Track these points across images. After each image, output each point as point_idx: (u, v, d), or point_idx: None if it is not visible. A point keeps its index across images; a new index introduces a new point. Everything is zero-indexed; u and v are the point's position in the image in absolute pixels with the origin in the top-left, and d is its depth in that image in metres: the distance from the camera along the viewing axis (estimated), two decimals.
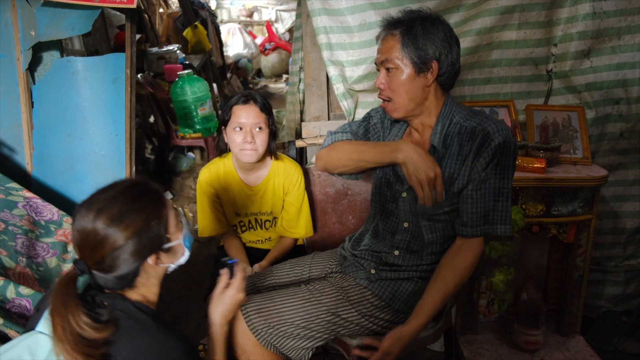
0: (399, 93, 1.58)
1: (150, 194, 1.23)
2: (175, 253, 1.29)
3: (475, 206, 1.55)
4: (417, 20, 1.54)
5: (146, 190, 1.23)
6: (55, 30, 2.41)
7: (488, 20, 2.27)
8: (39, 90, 2.47)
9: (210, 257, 3.32)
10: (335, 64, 2.25)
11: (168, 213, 1.24)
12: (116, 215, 1.14)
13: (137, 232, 1.16)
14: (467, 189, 1.55)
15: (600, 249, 2.54)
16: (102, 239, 1.14)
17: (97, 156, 2.48)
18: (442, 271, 1.59)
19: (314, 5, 2.20)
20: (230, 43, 8.56)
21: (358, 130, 1.85)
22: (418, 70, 1.55)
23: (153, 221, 1.19)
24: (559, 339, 2.34)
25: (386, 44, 1.58)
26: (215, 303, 1.41)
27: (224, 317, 1.40)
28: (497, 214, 1.55)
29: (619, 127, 2.40)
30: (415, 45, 1.52)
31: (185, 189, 4.23)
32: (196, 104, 4.14)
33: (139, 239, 1.16)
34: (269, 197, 2.15)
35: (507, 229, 1.55)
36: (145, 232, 1.17)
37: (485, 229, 1.55)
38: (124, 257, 1.15)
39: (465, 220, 1.57)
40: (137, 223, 1.16)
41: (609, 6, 2.26)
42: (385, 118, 1.81)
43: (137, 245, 1.16)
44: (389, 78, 1.59)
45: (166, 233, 1.23)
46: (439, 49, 1.53)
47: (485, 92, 2.42)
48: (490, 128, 1.53)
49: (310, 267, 1.94)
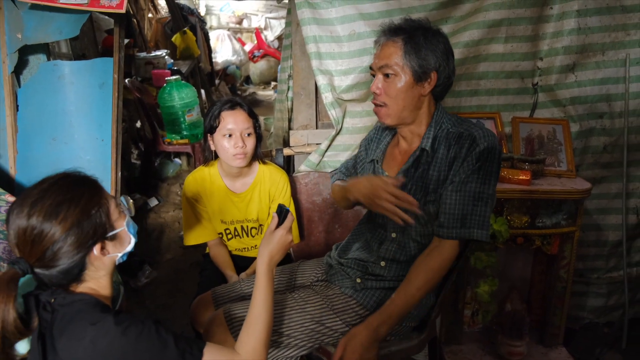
0: (395, 100, 1.58)
1: (86, 183, 1.19)
2: (122, 241, 1.24)
3: (453, 207, 1.54)
4: (419, 29, 1.55)
5: (80, 180, 1.19)
6: (43, 34, 2.39)
7: (476, 33, 2.30)
8: (24, 94, 2.44)
9: (195, 264, 3.30)
10: (324, 73, 2.25)
11: (107, 200, 1.21)
12: (50, 208, 1.11)
13: (76, 222, 1.12)
14: (447, 189, 1.55)
15: (584, 261, 2.56)
16: (39, 233, 1.10)
17: (83, 161, 2.46)
18: (412, 272, 1.58)
19: (304, 15, 2.21)
20: (219, 49, 8.53)
21: (348, 164, 1.98)
22: (417, 79, 1.56)
23: (92, 209, 1.16)
24: (542, 350, 2.35)
25: (386, 50, 1.57)
26: (265, 242, 1.42)
27: (270, 256, 1.40)
28: (474, 218, 1.53)
29: (602, 141, 2.44)
30: (417, 55, 1.53)
31: (172, 195, 4.20)
32: (184, 110, 4.11)
33: (80, 229, 1.13)
34: (255, 204, 2.14)
35: (484, 234, 1.54)
36: (86, 221, 1.14)
37: (461, 232, 1.54)
38: (65, 250, 1.12)
39: (442, 220, 1.56)
40: (74, 213, 1.12)
41: (594, 22, 2.30)
42: (379, 131, 1.83)
43: (79, 235, 1.13)
44: (386, 84, 1.59)
45: (108, 221, 1.19)
46: (439, 60, 1.55)
47: (472, 104, 2.45)
48: (477, 133, 1.55)
49: (295, 275, 1.93)
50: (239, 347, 1.31)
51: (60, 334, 1.12)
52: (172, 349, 1.15)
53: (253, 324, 1.33)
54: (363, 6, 2.20)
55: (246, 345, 1.31)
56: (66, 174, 1.20)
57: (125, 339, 1.11)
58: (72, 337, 1.11)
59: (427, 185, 1.60)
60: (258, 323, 1.33)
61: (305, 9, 2.21)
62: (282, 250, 1.43)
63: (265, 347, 1.32)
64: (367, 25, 2.20)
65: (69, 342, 1.11)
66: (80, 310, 1.14)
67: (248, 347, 1.30)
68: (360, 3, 2.19)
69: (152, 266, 3.22)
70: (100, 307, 1.17)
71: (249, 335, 1.32)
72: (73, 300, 1.16)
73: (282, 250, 1.43)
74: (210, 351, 1.21)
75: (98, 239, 1.17)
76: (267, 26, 9.80)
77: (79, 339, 1.10)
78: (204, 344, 1.22)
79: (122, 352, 1.11)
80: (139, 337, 1.12)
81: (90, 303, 1.16)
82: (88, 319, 1.12)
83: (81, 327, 1.11)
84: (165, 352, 1.14)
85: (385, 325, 1.55)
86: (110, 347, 1.10)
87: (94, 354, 1.10)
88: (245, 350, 1.30)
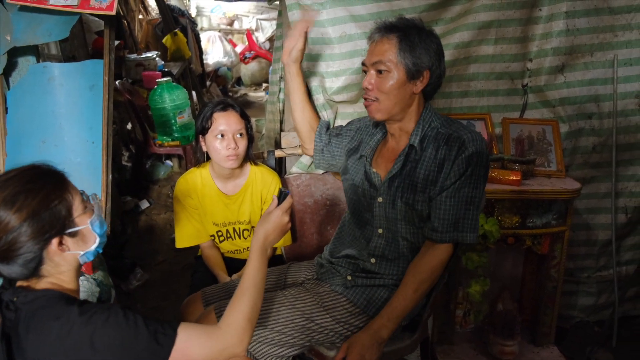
0: (387, 95, 1.60)
1: (50, 176, 1.17)
2: (84, 239, 1.21)
3: (447, 213, 1.58)
4: (414, 28, 1.58)
5: (45, 172, 1.17)
6: (32, 36, 2.37)
7: (466, 35, 2.31)
8: (13, 96, 2.42)
9: (187, 267, 3.28)
10: (315, 74, 2.26)
11: (72, 195, 1.18)
12: (8, 197, 1.09)
13: (33, 213, 1.10)
14: (441, 195, 1.58)
15: (574, 260, 2.58)
16: None
17: (73, 164, 2.44)
18: (409, 274, 1.62)
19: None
20: (210, 51, 8.51)
21: (332, 132, 1.98)
22: (410, 77, 1.58)
23: (53, 202, 1.13)
24: (533, 349, 2.37)
25: (381, 46, 1.59)
26: (261, 222, 1.42)
27: (265, 235, 1.40)
28: (467, 222, 1.58)
29: (591, 141, 2.46)
30: (412, 53, 1.55)
31: (163, 198, 4.19)
32: (175, 111, 4.10)
33: (36, 220, 1.10)
34: (247, 206, 2.13)
35: (474, 237, 1.60)
36: (44, 212, 1.11)
37: (455, 236, 1.58)
38: (21, 240, 1.09)
39: (436, 225, 1.59)
40: (32, 203, 1.10)
41: (582, 24, 2.32)
42: (372, 125, 1.85)
43: (35, 226, 1.10)
44: (379, 80, 1.60)
45: (70, 216, 1.16)
46: (432, 59, 1.58)
47: (463, 105, 2.46)
48: (465, 137, 1.57)
49: (286, 275, 1.94)
50: (221, 322, 1.26)
51: (26, 332, 1.10)
52: (143, 331, 1.13)
53: (239, 297, 1.30)
54: (354, 8, 2.20)
55: (229, 317, 1.26)
56: (34, 165, 1.18)
57: (92, 327, 1.09)
58: (38, 334, 1.09)
59: (415, 184, 1.61)
60: (244, 296, 1.29)
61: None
62: (277, 230, 1.42)
63: (249, 324, 1.27)
64: (357, 27, 2.20)
65: (36, 339, 1.09)
66: (43, 306, 1.12)
67: (230, 320, 1.26)
68: (351, 5, 2.20)
69: (143, 269, 3.20)
70: (65, 300, 1.14)
71: (234, 309, 1.27)
72: (36, 297, 1.13)
73: (277, 230, 1.42)
74: (185, 329, 1.18)
75: (56, 233, 1.14)
76: (258, 27, 9.79)
77: (46, 335, 1.09)
78: (177, 324, 1.19)
79: (90, 341, 1.09)
80: (105, 323, 1.10)
81: (54, 297, 1.14)
82: (52, 314, 1.10)
83: (46, 323, 1.09)
84: (137, 336, 1.12)
85: (386, 329, 1.58)
86: (77, 338, 1.08)
87: (62, 348, 1.09)
88: (227, 322, 1.25)
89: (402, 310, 1.59)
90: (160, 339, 1.14)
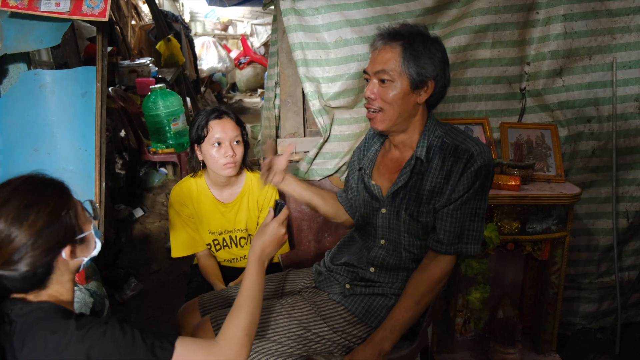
0: (392, 105, 1.55)
1: (52, 185, 1.16)
2: (88, 245, 1.21)
3: (453, 225, 1.56)
4: (418, 36, 1.52)
5: (47, 181, 1.16)
6: (23, 43, 2.34)
7: (463, 39, 2.29)
8: (4, 104, 2.39)
9: (182, 275, 3.24)
10: (311, 80, 2.23)
11: (75, 202, 1.18)
12: (19, 210, 1.07)
13: (46, 225, 1.09)
14: (448, 208, 1.55)
15: (575, 266, 2.56)
16: (5, 237, 1.06)
17: (66, 172, 2.40)
18: (411, 285, 1.60)
19: (290, 21, 2.19)
20: (204, 56, 8.47)
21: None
22: (414, 86, 1.53)
23: (62, 211, 1.12)
24: (534, 357, 2.33)
25: (384, 55, 1.54)
26: (257, 235, 1.41)
27: (262, 248, 1.38)
28: (471, 234, 1.57)
29: (591, 145, 2.44)
30: (416, 62, 1.50)
31: (157, 206, 4.14)
32: (169, 118, 4.06)
33: (49, 231, 1.09)
34: (244, 214, 2.11)
35: (478, 248, 1.60)
36: (56, 222, 1.11)
37: (459, 248, 1.58)
38: (35, 254, 1.08)
39: (441, 237, 1.58)
40: (43, 216, 1.09)
41: (580, 26, 2.30)
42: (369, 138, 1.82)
43: (48, 238, 1.09)
44: (382, 89, 1.55)
45: (77, 223, 1.16)
46: (437, 69, 1.52)
47: (461, 109, 2.43)
48: (474, 150, 1.53)
49: (284, 283, 1.92)
50: (219, 336, 1.26)
51: (21, 346, 1.08)
52: (141, 345, 1.11)
53: (236, 310, 1.29)
54: (349, 13, 2.18)
55: (227, 332, 1.25)
56: (30, 176, 1.16)
57: (89, 342, 1.07)
58: (33, 347, 1.07)
59: (420, 196, 1.58)
60: (242, 310, 1.29)
61: (291, 15, 2.19)
62: (274, 243, 1.40)
63: (248, 337, 1.26)
64: (353, 31, 2.18)
65: (31, 353, 1.07)
66: (39, 318, 1.10)
67: (229, 334, 1.24)
68: (347, 10, 2.18)
69: (137, 278, 3.16)
70: (62, 314, 1.13)
71: (232, 323, 1.27)
72: (31, 310, 1.11)
73: (274, 242, 1.40)
74: (183, 343, 1.17)
75: (68, 241, 1.14)
76: (253, 33, 9.78)
77: (41, 349, 1.07)
78: (175, 337, 1.17)
79: (87, 356, 1.07)
80: (102, 337, 1.09)
81: (50, 311, 1.12)
82: (49, 328, 1.09)
83: (42, 336, 1.07)
84: (134, 350, 1.11)
85: (388, 341, 1.56)
86: (74, 353, 1.06)
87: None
88: (225, 337, 1.24)
89: (404, 322, 1.57)
90: (158, 353, 1.13)
